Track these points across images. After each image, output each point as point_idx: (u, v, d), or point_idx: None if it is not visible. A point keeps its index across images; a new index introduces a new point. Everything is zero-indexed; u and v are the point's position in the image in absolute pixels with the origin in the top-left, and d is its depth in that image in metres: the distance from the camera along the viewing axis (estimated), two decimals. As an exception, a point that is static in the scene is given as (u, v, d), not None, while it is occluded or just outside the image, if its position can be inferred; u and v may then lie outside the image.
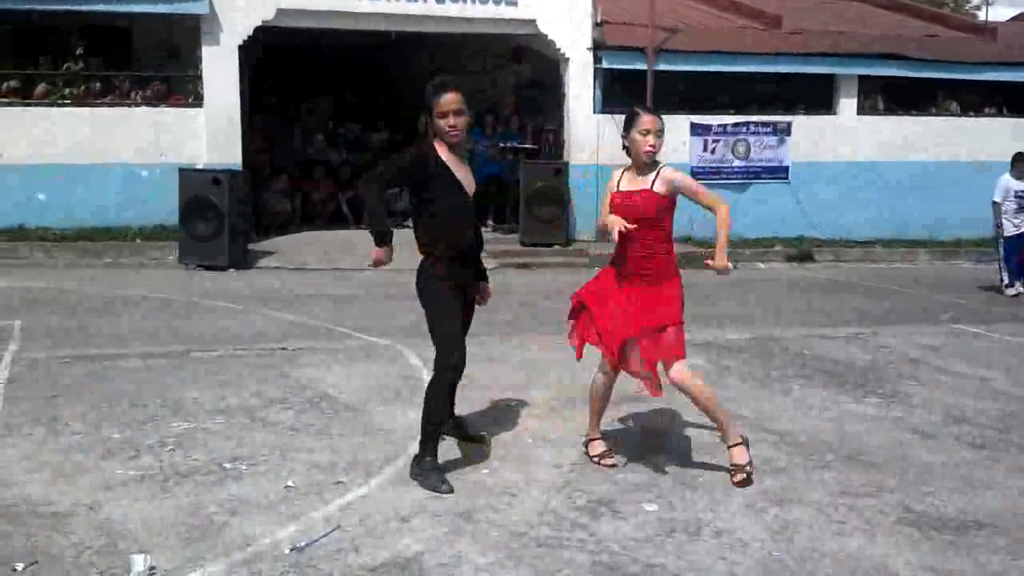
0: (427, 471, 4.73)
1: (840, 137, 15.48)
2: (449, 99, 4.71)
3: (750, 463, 4.92)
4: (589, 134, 14.49)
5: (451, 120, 4.72)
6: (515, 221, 14.49)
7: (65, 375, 6.62)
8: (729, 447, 4.94)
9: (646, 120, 4.85)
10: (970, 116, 16.34)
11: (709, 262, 4.86)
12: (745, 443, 4.98)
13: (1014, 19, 20.45)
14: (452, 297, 4.85)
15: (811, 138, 15.27)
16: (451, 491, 4.63)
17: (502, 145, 15.06)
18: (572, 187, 14.18)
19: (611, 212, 4.91)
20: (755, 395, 6.66)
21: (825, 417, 6.18)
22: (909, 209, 15.55)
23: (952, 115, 16.30)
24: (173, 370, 6.85)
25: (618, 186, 4.96)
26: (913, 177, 15.58)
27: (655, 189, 4.83)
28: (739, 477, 4.85)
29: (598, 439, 5.21)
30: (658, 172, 4.86)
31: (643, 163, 4.89)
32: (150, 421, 5.66)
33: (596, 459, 5.13)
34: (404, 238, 5.14)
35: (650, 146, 4.82)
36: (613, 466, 5.07)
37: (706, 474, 5.02)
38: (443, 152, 4.80)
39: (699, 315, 8.12)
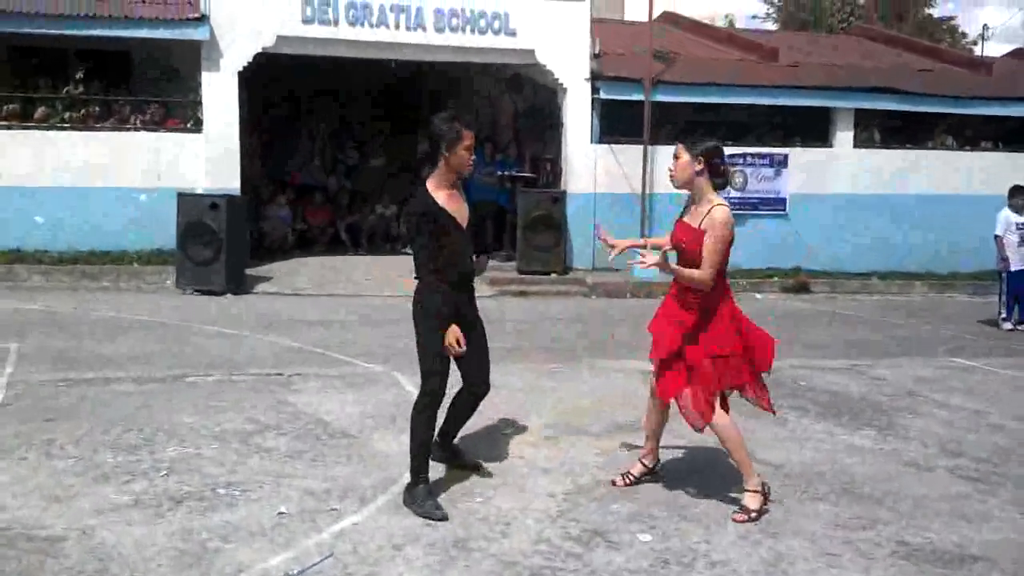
0: (421, 499, 4.73)
1: (836, 169, 15.56)
2: (472, 135, 4.91)
3: (759, 513, 4.83)
4: (587, 163, 14.58)
5: (472, 154, 4.92)
6: (512, 249, 14.53)
7: (60, 398, 6.61)
8: (746, 490, 4.90)
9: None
10: (966, 150, 16.46)
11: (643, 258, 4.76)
12: (764, 495, 4.91)
13: (1009, 55, 20.59)
14: (445, 324, 4.85)
15: (808, 170, 15.35)
16: (445, 518, 4.63)
17: (500, 173, 15.12)
18: (569, 215, 14.24)
19: (670, 236, 5.05)
20: (749, 426, 6.59)
21: (820, 449, 6.18)
22: (905, 241, 15.63)
23: (948, 148, 16.40)
24: (168, 395, 6.84)
25: (684, 213, 5.01)
26: (909, 209, 15.65)
27: (703, 228, 4.79)
28: (741, 517, 4.80)
29: (638, 463, 5.28)
30: (710, 211, 4.79)
31: (693, 194, 4.91)
32: (144, 446, 5.65)
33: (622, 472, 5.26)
34: (405, 265, 5.15)
35: (669, 169, 4.93)
36: (612, 483, 5.17)
37: (701, 504, 5.01)
38: (438, 192, 4.88)
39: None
